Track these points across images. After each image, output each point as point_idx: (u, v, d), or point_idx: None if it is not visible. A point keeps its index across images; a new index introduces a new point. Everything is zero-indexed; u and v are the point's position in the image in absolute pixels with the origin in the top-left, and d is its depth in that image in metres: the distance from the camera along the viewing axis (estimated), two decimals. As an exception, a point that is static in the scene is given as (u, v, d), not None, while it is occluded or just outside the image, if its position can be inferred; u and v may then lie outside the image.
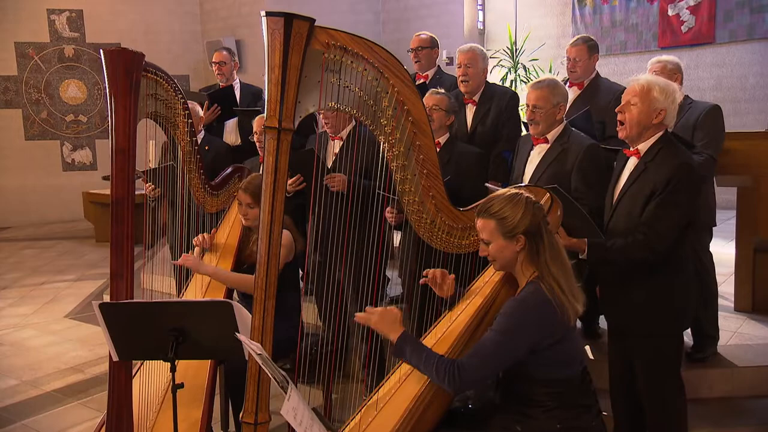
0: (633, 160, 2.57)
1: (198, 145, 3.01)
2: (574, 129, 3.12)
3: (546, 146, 3.06)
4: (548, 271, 1.95)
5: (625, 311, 2.56)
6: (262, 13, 1.79)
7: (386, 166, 3.31)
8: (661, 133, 2.50)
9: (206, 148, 4.16)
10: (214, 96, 4.74)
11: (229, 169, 3.35)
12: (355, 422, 2.06)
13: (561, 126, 3.05)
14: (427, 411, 1.98)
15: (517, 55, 9.13)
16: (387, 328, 2.04)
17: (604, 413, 2.12)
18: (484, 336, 1.95)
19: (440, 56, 4.79)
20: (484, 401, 2.13)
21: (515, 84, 8.78)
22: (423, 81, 4.32)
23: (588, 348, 3.53)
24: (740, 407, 3.27)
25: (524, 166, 3.16)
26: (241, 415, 1.98)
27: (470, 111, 3.94)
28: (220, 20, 10.44)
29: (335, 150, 3.50)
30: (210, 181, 3.22)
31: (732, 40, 8.45)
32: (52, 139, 10.23)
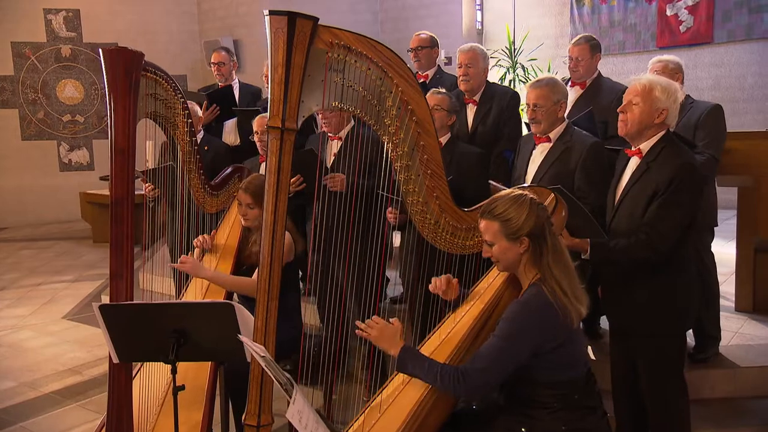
0: (635, 160, 2.56)
1: (198, 145, 3.00)
2: (577, 128, 3.11)
3: (548, 145, 3.05)
4: (550, 274, 1.94)
5: (627, 311, 2.55)
6: (265, 11, 1.78)
7: (387, 165, 3.32)
8: (663, 132, 2.49)
9: (205, 149, 4.13)
10: (213, 96, 4.72)
11: (228, 169, 3.33)
12: (358, 424, 2.05)
13: (563, 125, 3.04)
14: (431, 413, 1.96)
15: (515, 55, 9.13)
16: (386, 344, 2.02)
17: (608, 414, 2.11)
18: (486, 342, 1.94)
19: (439, 56, 4.77)
20: (488, 403, 2.11)
21: (514, 84, 8.77)
22: (423, 81, 4.31)
23: (589, 348, 3.52)
24: (743, 408, 3.27)
25: (526, 166, 3.15)
26: (243, 418, 1.97)
27: (471, 111, 3.92)
28: (217, 20, 10.42)
29: (334, 150, 3.48)
30: (210, 182, 3.20)
31: (730, 40, 8.45)
32: (48, 139, 10.19)
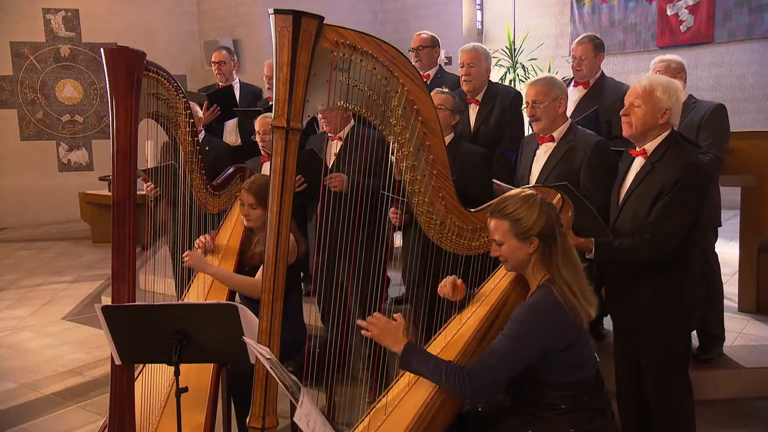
0: (639, 160, 2.55)
1: (200, 145, 2.98)
2: (581, 127, 3.09)
3: (552, 145, 3.03)
4: (559, 275, 1.92)
5: (632, 311, 2.54)
6: (270, 10, 1.76)
7: (388, 165, 3.30)
8: (668, 132, 2.48)
9: (206, 149, 4.11)
10: (213, 96, 4.70)
11: (230, 170, 3.31)
12: (363, 426, 2.03)
13: (566, 124, 3.03)
14: (437, 415, 1.94)
15: (515, 55, 9.12)
16: (389, 340, 2.00)
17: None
18: (494, 341, 1.93)
19: (439, 56, 4.76)
20: (494, 404, 2.10)
21: (514, 84, 8.77)
22: (424, 80, 4.29)
23: None
24: (747, 409, 3.26)
25: (530, 166, 3.13)
26: (248, 420, 1.95)
27: (473, 111, 3.91)
28: (217, 20, 10.40)
29: (335, 150, 3.47)
30: (211, 182, 3.18)
31: (731, 40, 8.45)
32: (48, 139, 10.16)
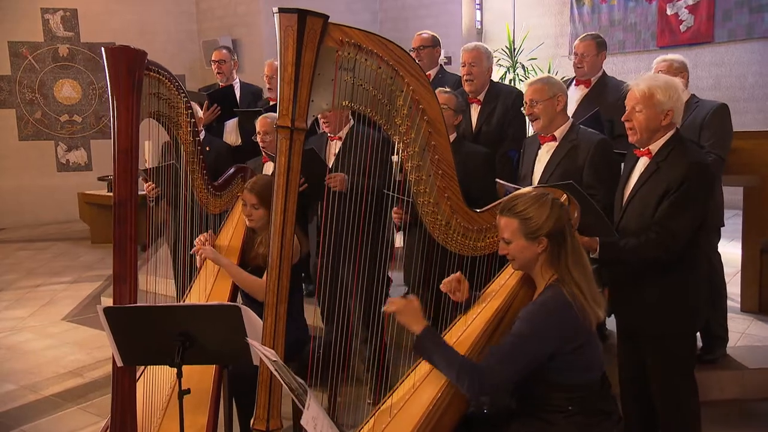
0: (644, 160, 2.53)
1: (201, 145, 2.96)
2: (582, 126, 3.08)
3: (554, 144, 3.02)
4: (569, 276, 1.91)
5: (637, 311, 2.53)
6: (275, 9, 1.74)
7: (388, 164, 3.29)
8: (672, 132, 2.47)
9: (207, 149, 4.09)
10: (213, 96, 4.68)
11: (232, 170, 3.29)
12: (368, 427, 2.01)
13: (568, 123, 3.02)
14: (443, 417, 1.93)
15: (515, 55, 9.11)
16: (409, 319, 1.98)
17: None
18: (503, 341, 1.91)
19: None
20: (500, 406, 2.08)
21: (514, 83, 8.76)
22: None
23: None
24: (751, 410, 3.25)
25: (533, 166, 3.12)
26: (252, 422, 1.94)
27: (475, 110, 3.89)
28: (216, 19, 10.37)
29: (334, 150, 3.45)
30: (212, 182, 3.16)
31: (731, 40, 8.45)
32: (46, 139, 10.12)
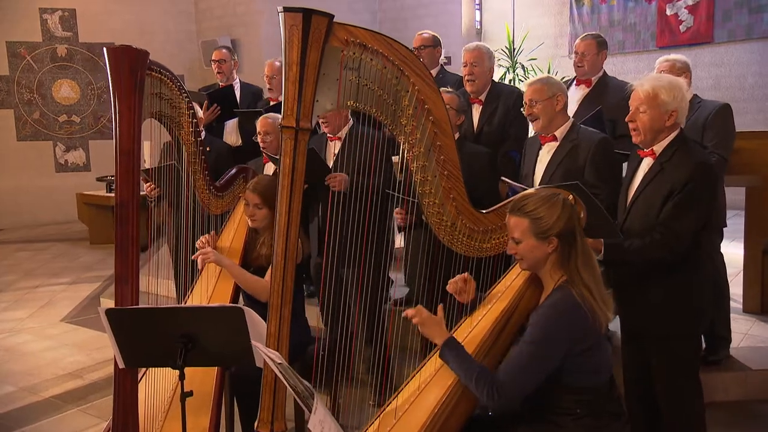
0: (648, 161, 2.52)
1: (203, 145, 2.95)
2: (583, 126, 3.07)
3: (555, 144, 3.01)
4: (579, 277, 1.90)
5: (641, 312, 2.51)
6: (280, 8, 1.73)
7: (389, 164, 3.27)
8: (676, 132, 2.46)
9: (207, 149, 4.07)
10: (213, 96, 4.66)
11: (233, 170, 3.27)
12: (373, 429, 2.00)
13: (569, 123, 3.01)
14: (449, 419, 1.91)
15: (515, 55, 9.11)
16: (433, 331, 2.02)
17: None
18: (516, 349, 1.90)
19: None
20: (506, 409, 2.06)
21: (513, 84, 8.76)
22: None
23: None
24: (755, 411, 3.24)
25: (534, 166, 3.11)
26: (256, 425, 1.92)
27: (476, 111, 3.88)
28: (215, 19, 10.35)
29: (334, 150, 3.44)
30: (214, 182, 3.15)
31: (730, 40, 8.45)
32: (44, 139, 10.09)
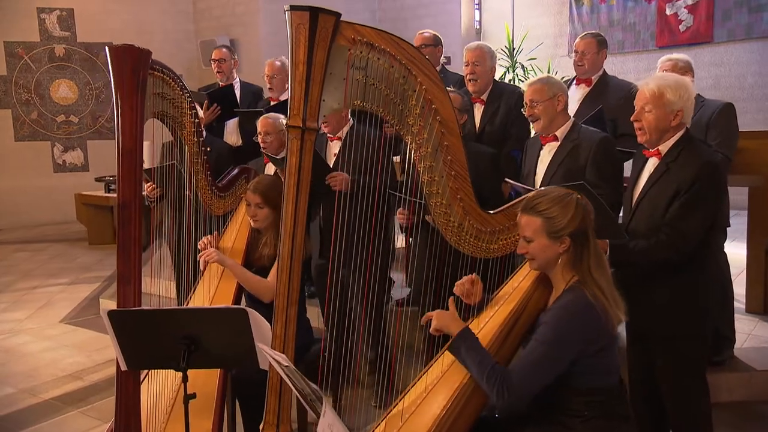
0: (653, 161, 2.50)
1: (204, 145, 2.93)
2: (584, 125, 3.06)
3: (556, 144, 3.00)
4: (591, 278, 1.89)
5: (647, 313, 2.50)
6: (286, 6, 1.71)
7: (390, 164, 3.26)
8: (682, 132, 2.44)
9: (208, 149, 4.05)
10: (213, 96, 4.64)
11: (235, 170, 3.26)
12: (380, 431, 1.98)
13: (569, 122, 3.00)
14: (457, 421, 1.90)
15: (514, 55, 9.10)
16: (448, 321, 2.00)
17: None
18: (528, 349, 1.88)
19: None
20: (513, 410, 2.05)
21: (513, 84, 8.75)
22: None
23: None
24: (760, 412, 3.22)
25: (535, 166, 3.10)
26: (261, 428, 1.90)
27: (478, 110, 3.87)
28: (213, 19, 10.33)
29: (335, 150, 3.43)
30: (216, 183, 3.13)
31: (730, 40, 8.45)
32: (42, 140, 10.05)
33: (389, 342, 3.45)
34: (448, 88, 3.22)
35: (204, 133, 4.14)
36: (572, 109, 3.49)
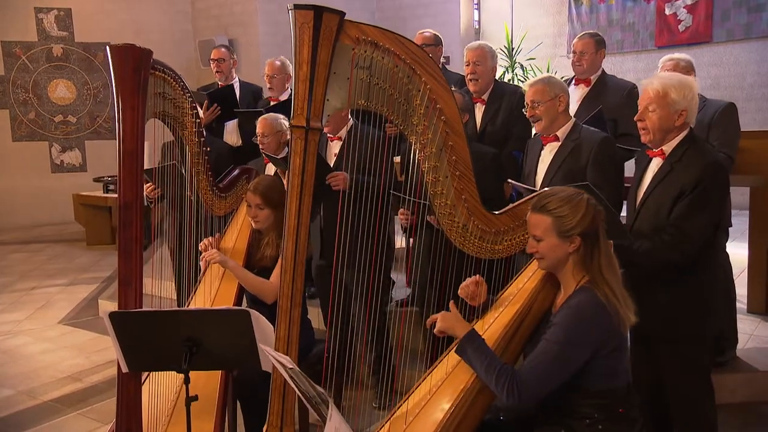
0: (657, 161, 2.49)
1: (206, 145, 2.91)
2: (585, 125, 3.05)
3: (557, 144, 2.99)
4: (602, 279, 1.87)
5: (651, 313, 2.48)
6: (290, 5, 1.70)
7: (390, 164, 3.24)
8: (686, 132, 2.43)
9: (208, 149, 4.03)
10: (213, 96, 4.61)
11: (236, 171, 3.24)
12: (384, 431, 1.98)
13: (570, 123, 2.99)
14: (462, 423, 1.88)
15: (514, 55, 9.09)
16: (453, 324, 1.98)
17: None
18: (539, 348, 1.87)
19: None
20: (518, 413, 2.03)
21: (512, 83, 8.75)
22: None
23: None
24: (763, 412, 3.21)
25: (536, 166, 3.09)
26: (265, 429, 1.89)
27: (479, 110, 3.85)
28: (212, 18, 10.30)
29: (335, 150, 3.41)
30: (217, 183, 3.11)
31: (729, 39, 8.45)
32: (40, 140, 10.01)
33: (391, 343, 3.44)
34: (451, 88, 3.25)
35: (204, 133, 4.15)
36: (572, 109, 3.47)
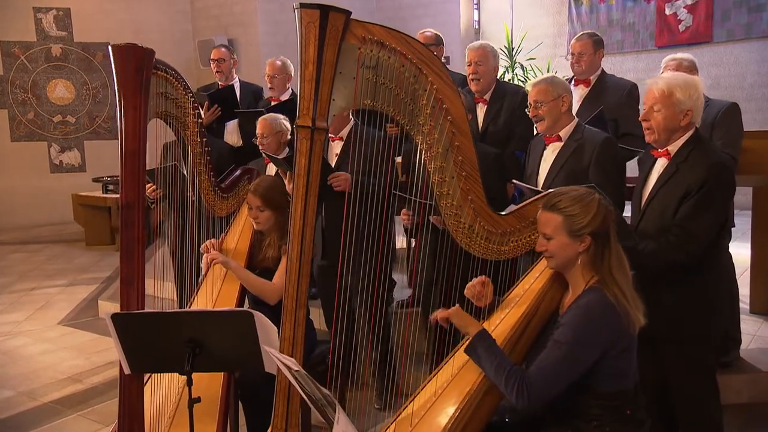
0: (662, 161, 2.48)
1: (207, 146, 2.90)
2: (587, 126, 3.04)
3: (560, 144, 2.98)
4: (612, 279, 1.86)
5: (655, 314, 2.46)
6: (296, 4, 1.68)
7: (392, 164, 3.22)
8: (691, 132, 2.42)
9: (209, 150, 4.02)
10: (214, 97, 4.60)
11: (238, 171, 3.22)
12: (390, 433, 1.96)
13: (573, 123, 2.98)
14: (469, 425, 1.87)
15: (514, 55, 9.08)
16: (465, 321, 1.98)
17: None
18: (548, 349, 1.85)
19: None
20: (524, 414, 2.02)
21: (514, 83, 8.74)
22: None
23: None
24: (766, 413, 3.20)
25: (538, 166, 3.08)
26: (269, 431, 1.87)
27: (481, 110, 3.83)
28: (211, 18, 10.28)
29: (336, 150, 3.40)
30: (219, 184, 3.10)
31: (729, 39, 8.45)
32: (39, 140, 9.99)
33: (393, 343, 3.43)
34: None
35: (205, 133, 4.13)
36: (572, 109, 3.47)
